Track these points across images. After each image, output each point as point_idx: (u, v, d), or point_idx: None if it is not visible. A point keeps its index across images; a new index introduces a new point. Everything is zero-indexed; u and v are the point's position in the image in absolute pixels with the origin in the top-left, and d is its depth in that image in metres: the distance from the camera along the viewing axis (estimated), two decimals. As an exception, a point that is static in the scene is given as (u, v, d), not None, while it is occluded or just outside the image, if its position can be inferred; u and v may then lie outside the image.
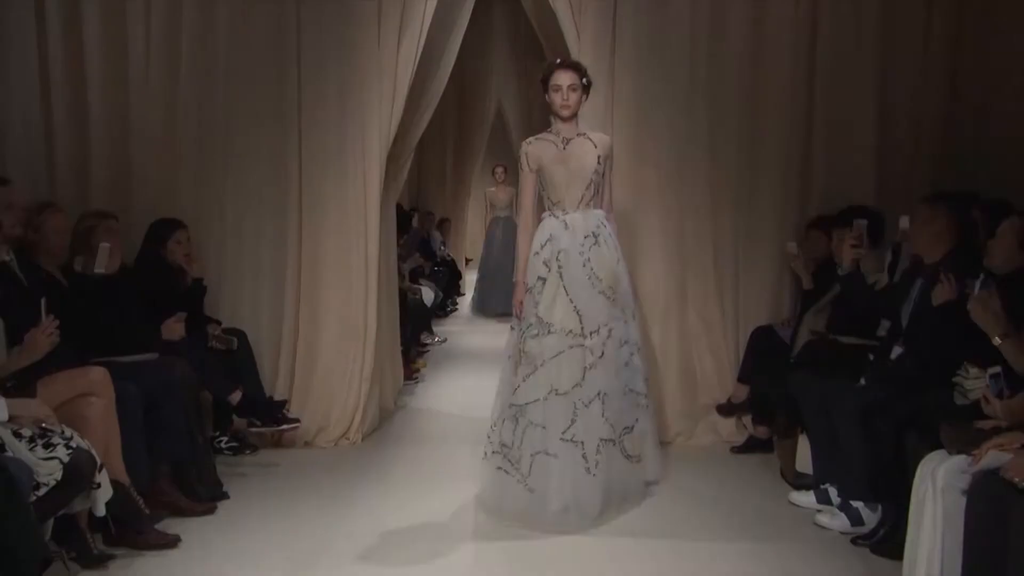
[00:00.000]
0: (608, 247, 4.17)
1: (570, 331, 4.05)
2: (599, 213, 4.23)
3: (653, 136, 5.32)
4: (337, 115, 5.28)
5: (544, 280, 4.10)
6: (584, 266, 4.09)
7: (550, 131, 4.24)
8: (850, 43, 5.35)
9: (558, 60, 4.26)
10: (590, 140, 4.20)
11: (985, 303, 3.37)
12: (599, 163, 4.16)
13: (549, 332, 4.06)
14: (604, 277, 4.11)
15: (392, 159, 5.48)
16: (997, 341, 3.26)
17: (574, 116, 4.19)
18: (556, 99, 4.15)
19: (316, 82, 5.26)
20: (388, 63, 5.23)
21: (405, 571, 3.65)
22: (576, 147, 4.18)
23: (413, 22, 5.19)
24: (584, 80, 4.16)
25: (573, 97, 4.14)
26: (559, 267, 4.08)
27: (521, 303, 4.17)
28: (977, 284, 3.33)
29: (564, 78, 4.13)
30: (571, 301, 4.07)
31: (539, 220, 4.25)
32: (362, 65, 5.24)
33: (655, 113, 5.29)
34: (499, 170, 10.90)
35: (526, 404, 4.07)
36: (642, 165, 5.32)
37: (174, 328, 4.62)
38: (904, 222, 4.42)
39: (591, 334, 4.05)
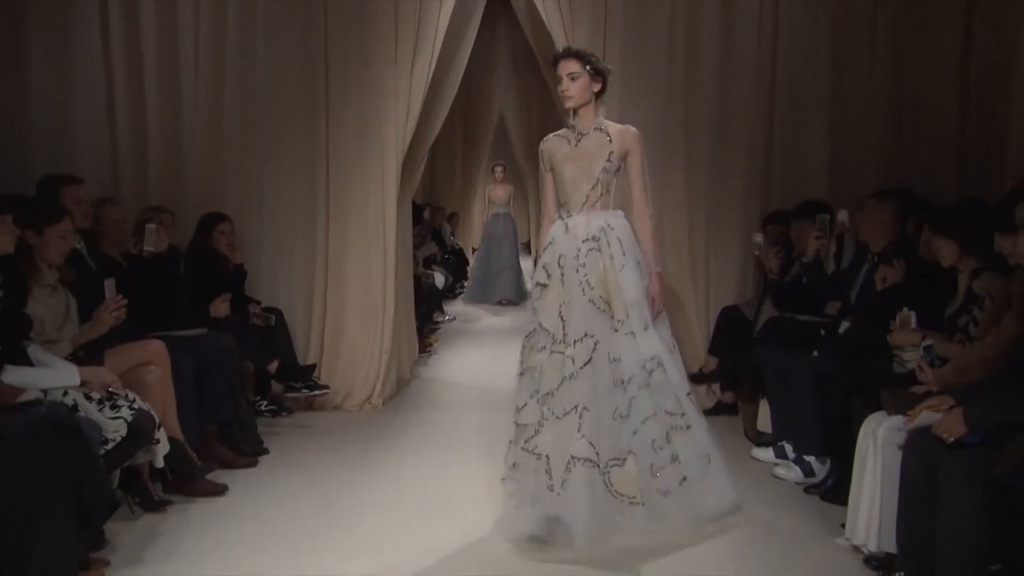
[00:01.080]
0: (611, 253, 3.30)
1: (552, 336, 3.27)
2: (609, 214, 3.37)
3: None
4: (359, 122, 5.27)
5: (544, 287, 3.35)
6: (578, 271, 3.28)
7: (570, 126, 3.42)
8: (806, 60, 5.33)
9: (560, 50, 3.46)
10: (606, 134, 3.36)
11: (900, 331, 3.46)
12: (609, 159, 3.32)
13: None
14: (595, 285, 3.27)
15: (408, 161, 5.47)
16: (926, 343, 3.29)
17: (584, 106, 3.36)
18: (560, 91, 3.37)
19: (341, 93, 5.25)
20: (403, 77, 5.22)
21: (421, 516, 3.67)
22: (588, 142, 3.37)
23: (426, 40, 5.17)
24: (588, 67, 3.32)
25: (574, 87, 3.31)
26: (561, 273, 3.30)
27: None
28: (921, 350, 3.30)
29: (563, 67, 3.33)
30: (559, 307, 3.29)
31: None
32: (381, 79, 5.23)
33: (641, 118, 5.20)
34: (498, 169, 10.52)
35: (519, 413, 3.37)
36: None
37: (220, 307, 4.65)
38: (843, 215, 4.40)
39: (574, 342, 3.21)
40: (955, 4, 5.11)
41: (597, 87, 3.36)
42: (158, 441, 3.46)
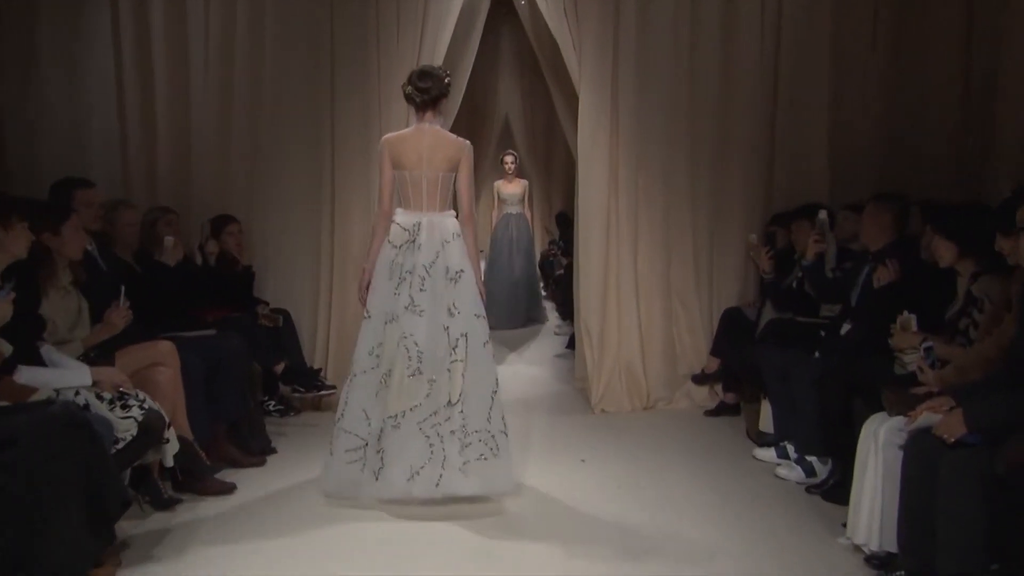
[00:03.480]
0: None
1: None
2: None
3: (648, 145, 5.33)
4: (364, 125, 5.24)
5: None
6: None
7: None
8: (806, 62, 5.34)
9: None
10: None
11: (900, 333, 3.45)
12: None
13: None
14: None
15: None
16: (927, 344, 3.29)
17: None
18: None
19: (346, 97, 5.24)
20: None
21: (424, 511, 3.66)
22: None
23: (431, 44, 5.16)
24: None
25: None
26: None
27: None
28: (921, 351, 3.30)
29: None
30: None
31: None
32: (386, 83, 5.22)
33: (649, 126, 5.33)
34: (508, 159, 8.61)
35: None
36: (639, 169, 5.36)
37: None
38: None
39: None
40: (955, 5, 5.11)
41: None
42: (168, 440, 3.46)
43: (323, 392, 5.05)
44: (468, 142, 3.94)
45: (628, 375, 5.42)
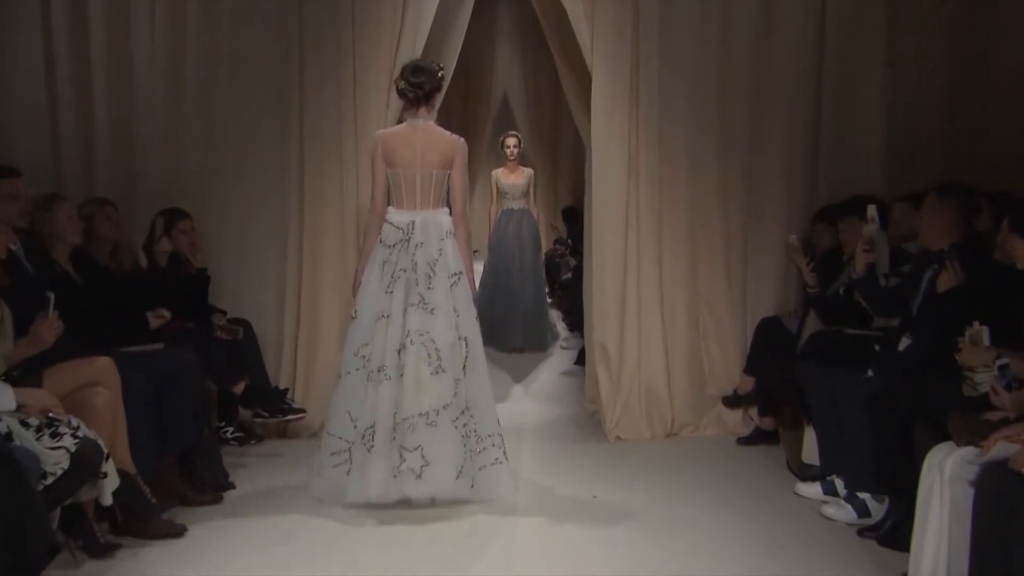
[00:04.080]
0: None
1: None
2: None
3: (671, 130, 5.36)
4: (337, 107, 5.26)
5: None
6: None
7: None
8: (858, 34, 5.35)
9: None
10: None
11: (970, 349, 3.41)
12: None
13: None
14: None
15: None
16: (1001, 362, 3.25)
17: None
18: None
19: (316, 81, 5.25)
20: (387, 53, 5.21)
21: (408, 564, 3.65)
22: None
23: (415, 10, 5.17)
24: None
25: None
26: None
27: None
28: (995, 369, 3.26)
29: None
30: None
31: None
32: (361, 65, 5.23)
33: (672, 113, 5.34)
34: (510, 143, 8.11)
35: None
36: (663, 160, 5.37)
37: (156, 321, 4.56)
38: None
39: None
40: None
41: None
42: (106, 475, 3.42)
43: (290, 416, 5.00)
44: (462, 139, 4.40)
45: (648, 397, 5.42)
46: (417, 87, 4.31)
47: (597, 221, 5.45)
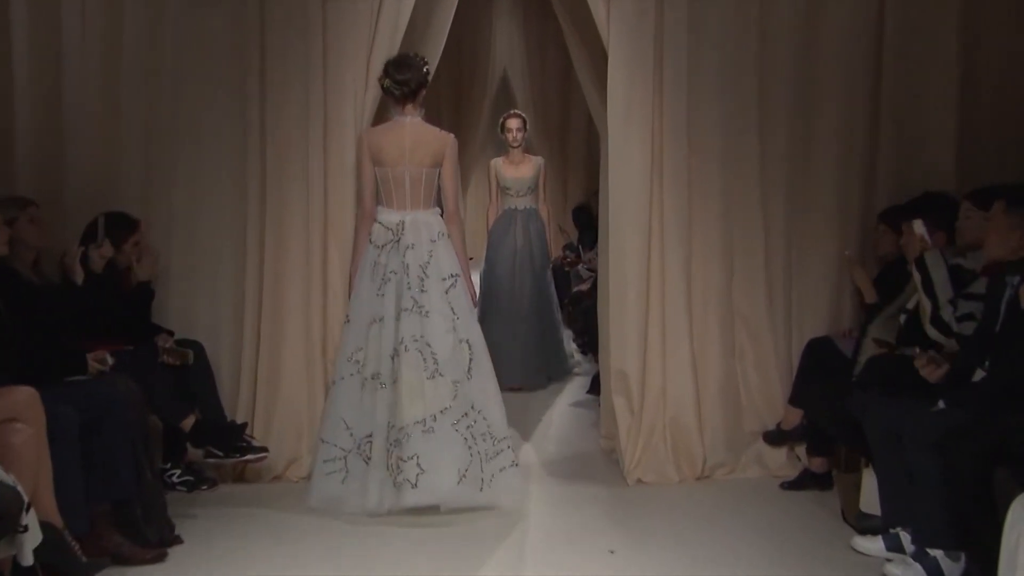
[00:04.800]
0: None
1: None
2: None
3: (702, 118, 5.38)
4: (303, 93, 5.29)
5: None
6: None
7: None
8: (927, 7, 5.39)
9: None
10: None
11: None
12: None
13: None
14: None
15: None
16: None
17: None
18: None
19: (279, 72, 5.29)
20: (365, 26, 5.24)
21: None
22: None
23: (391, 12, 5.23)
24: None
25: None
26: None
27: None
28: None
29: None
30: None
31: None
32: (335, 30, 5.26)
33: (703, 94, 5.36)
34: (514, 125, 7.78)
35: None
36: (692, 152, 5.38)
37: (95, 363, 4.48)
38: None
39: None
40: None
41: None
42: (25, 528, 3.37)
43: (249, 457, 4.99)
44: (452, 135, 4.99)
45: (675, 432, 5.41)
46: (403, 84, 4.86)
47: (614, 223, 5.45)
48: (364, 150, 4.88)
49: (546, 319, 7.86)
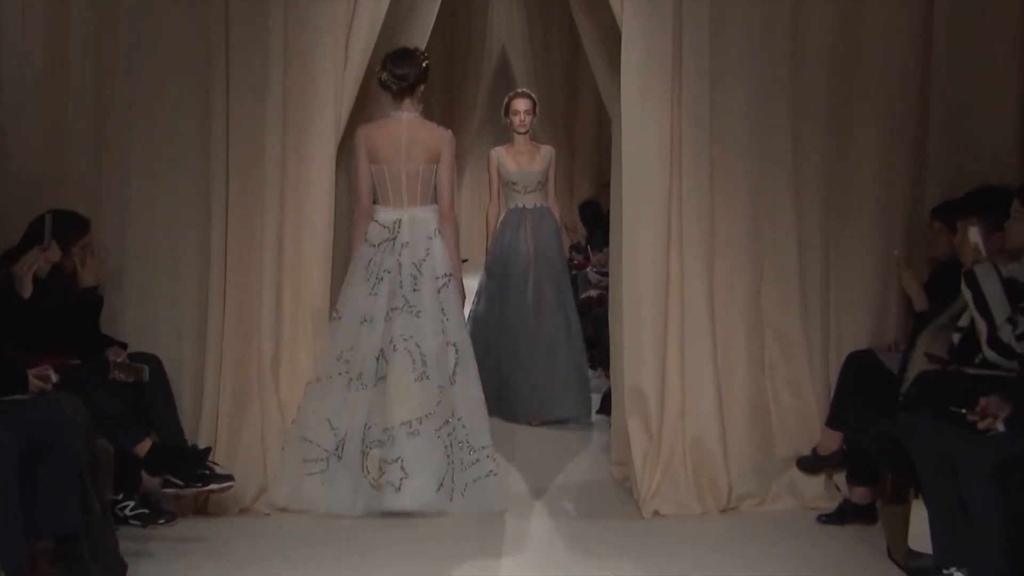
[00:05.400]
0: None
1: None
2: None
3: (727, 104, 5.40)
4: (274, 78, 5.32)
5: None
6: None
7: None
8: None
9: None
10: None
11: None
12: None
13: None
14: None
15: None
16: None
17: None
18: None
19: (246, 37, 5.31)
20: (340, 25, 5.29)
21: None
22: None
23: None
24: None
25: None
26: None
27: None
28: None
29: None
30: None
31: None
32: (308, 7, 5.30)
33: (728, 75, 5.38)
34: (520, 106, 7.42)
35: None
36: (714, 141, 5.39)
37: (37, 380, 4.49)
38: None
39: None
40: None
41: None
42: (-44, 569, 3.36)
43: (213, 486, 4.96)
44: (450, 132, 5.50)
45: (697, 458, 5.42)
46: (401, 79, 5.29)
47: (627, 221, 5.46)
48: (361, 147, 5.35)
49: (573, 346, 7.44)
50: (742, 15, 5.35)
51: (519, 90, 7.82)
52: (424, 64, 5.36)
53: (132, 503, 4.96)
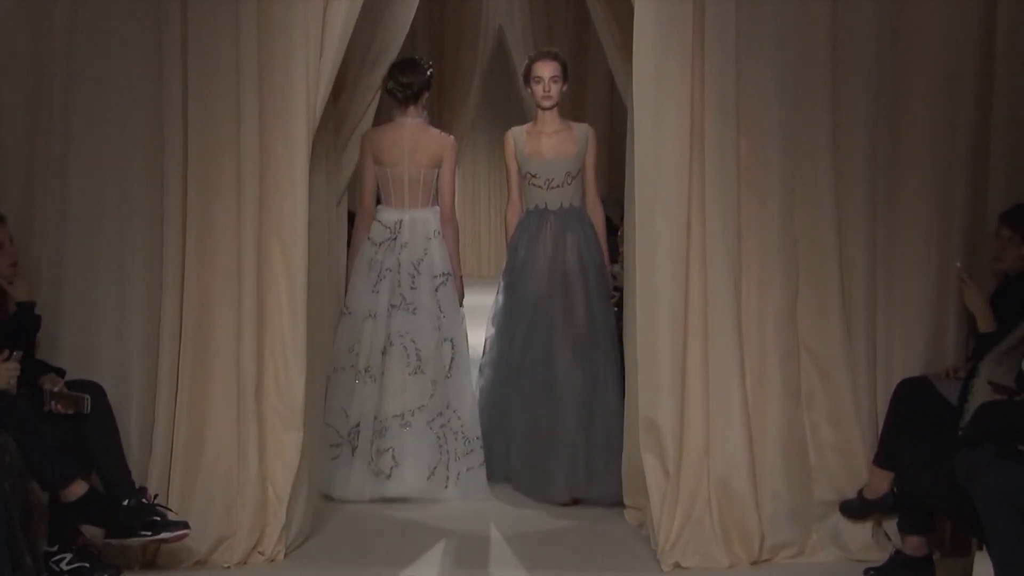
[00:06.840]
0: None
1: None
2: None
3: (755, 93, 5.40)
4: (236, 68, 5.34)
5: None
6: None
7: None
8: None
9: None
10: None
11: None
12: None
13: None
14: None
15: (328, 136, 5.71)
16: None
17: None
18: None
19: (207, 39, 5.36)
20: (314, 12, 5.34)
21: None
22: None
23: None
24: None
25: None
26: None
27: None
28: None
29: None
30: None
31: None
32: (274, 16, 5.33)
33: (756, 59, 5.38)
34: (545, 71, 6.43)
35: None
36: (742, 135, 5.40)
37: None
38: None
39: None
40: None
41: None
42: None
43: (164, 534, 4.96)
44: (452, 138, 6.63)
45: (723, 501, 5.42)
46: (406, 87, 6.34)
47: (642, 227, 5.48)
48: (367, 150, 6.39)
49: (611, 399, 6.34)
50: (766, 14, 5.34)
51: (544, 49, 6.91)
52: (428, 73, 6.46)
53: (69, 555, 4.96)
